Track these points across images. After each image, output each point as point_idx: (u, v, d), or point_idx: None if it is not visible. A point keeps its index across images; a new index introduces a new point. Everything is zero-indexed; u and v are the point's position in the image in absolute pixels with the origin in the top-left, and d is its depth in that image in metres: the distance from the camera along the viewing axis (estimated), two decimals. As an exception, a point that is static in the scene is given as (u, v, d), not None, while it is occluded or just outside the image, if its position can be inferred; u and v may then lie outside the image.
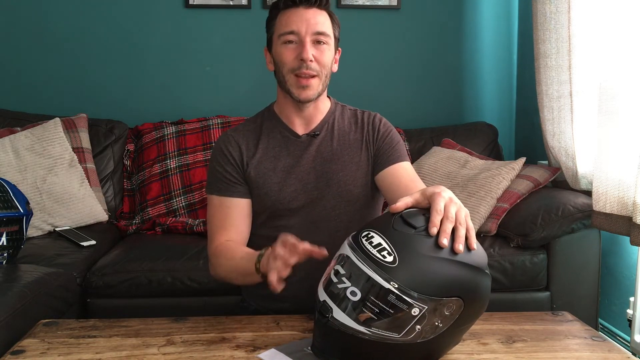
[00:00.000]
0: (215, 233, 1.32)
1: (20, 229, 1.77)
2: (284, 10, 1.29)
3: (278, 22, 1.30)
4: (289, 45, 1.28)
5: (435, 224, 0.93)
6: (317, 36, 1.27)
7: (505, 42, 2.91)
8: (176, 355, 1.04)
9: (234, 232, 1.32)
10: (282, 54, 1.28)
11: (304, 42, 1.26)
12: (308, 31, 1.26)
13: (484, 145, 2.68)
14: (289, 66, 1.28)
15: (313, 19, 1.27)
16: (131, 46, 2.77)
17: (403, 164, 1.35)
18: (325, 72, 1.30)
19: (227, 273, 1.27)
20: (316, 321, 0.99)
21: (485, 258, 0.98)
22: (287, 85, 1.30)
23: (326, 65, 1.30)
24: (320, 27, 1.28)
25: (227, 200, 1.33)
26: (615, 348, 1.10)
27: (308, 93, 1.29)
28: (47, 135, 2.35)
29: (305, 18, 1.27)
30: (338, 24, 1.34)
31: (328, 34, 1.29)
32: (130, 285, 1.94)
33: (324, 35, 1.28)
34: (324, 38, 1.28)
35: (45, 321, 1.19)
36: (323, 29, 1.28)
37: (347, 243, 0.97)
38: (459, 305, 0.92)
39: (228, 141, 1.37)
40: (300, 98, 1.30)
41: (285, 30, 1.27)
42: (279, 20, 1.30)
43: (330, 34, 1.30)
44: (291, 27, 1.27)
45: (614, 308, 2.22)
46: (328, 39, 1.29)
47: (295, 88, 1.29)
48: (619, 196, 1.83)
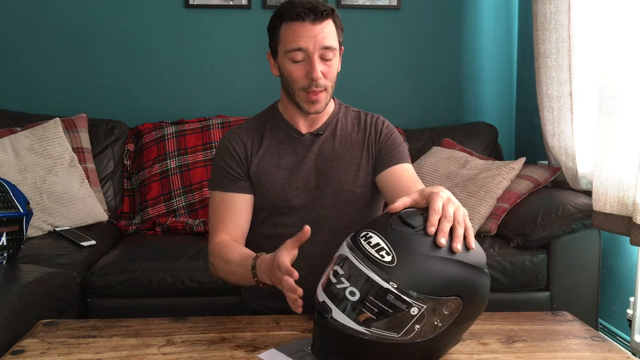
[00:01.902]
0: (215, 229, 1.33)
1: (20, 229, 1.77)
2: (289, 22, 1.25)
3: (283, 34, 1.27)
4: (297, 64, 1.26)
5: (433, 223, 0.93)
6: (325, 51, 1.25)
7: (505, 42, 2.91)
8: (176, 355, 1.04)
9: (233, 227, 1.32)
10: (292, 72, 1.27)
11: (313, 60, 1.25)
12: (316, 47, 1.24)
13: (484, 145, 2.68)
14: (299, 84, 1.28)
15: (320, 34, 1.24)
16: (131, 46, 2.77)
17: (404, 166, 1.36)
18: (332, 82, 1.31)
19: (226, 276, 1.28)
20: (315, 321, 0.99)
21: (484, 257, 0.98)
22: (296, 99, 1.30)
23: (334, 76, 1.30)
24: (327, 42, 1.25)
25: (228, 196, 1.34)
26: (615, 348, 1.10)
27: (317, 107, 1.30)
28: (47, 135, 2.35)
29: (313, 34, 1.24)
30: (342, 27, 1.32)
31: (334, 47, 1.27)
32: (130, 285, 1.94)
33: (330, 49, 1.26)
34: (331, 53, 1.27)
35: (45, 321, 1.19)
36: (330, 43, 1.26)
37: (346, 244, 0.97)
38: (458, 305, 0.92)
39: (232, 138, 1.37)
40: (310, 112, 1.31)
41: (293, 47, 1.25)
42: (284, 32, 1.26)
43: (336, 45, 1.28)
44: (299, 44, 1.24)
45: (614, 308, 2.22)
46: (334, 51, 1.28)
47: (305, 103, 1.30)
48: (619, 196, 1.83)
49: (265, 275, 1.11)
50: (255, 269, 1.14)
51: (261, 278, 1.13)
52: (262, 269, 1.12)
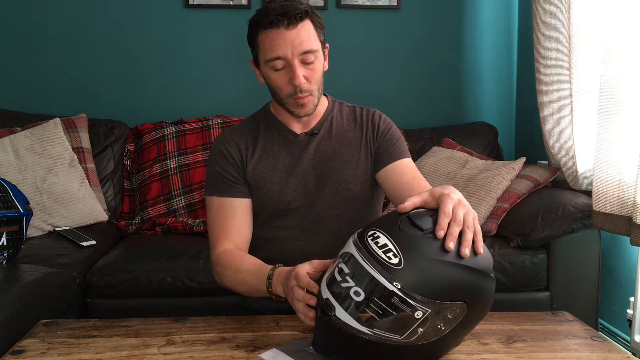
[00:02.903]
0: (218, 237, 1.31)
1: (20, 229, 1.77)
2: (264, 31, 1.22)
3: (261, 43, 1.24)
4: (279, 71, 1.24)
5: (442, 226, 0.92)
6: (305, 56, 1.22)
7: (505, 42, 2.91)
8: (176, 355, 1.04)
9: (236, 235, 1.31)
10: (275, 81, 1.26)
11: (293, 66, 1.22)
12: (294, 53, 1.21)
13: (484, 145, 2.68)
14: (284, 92, 1.26)
15: (297, 39, 1.20)
16: (131, 46, 2.76)
17: (405, 161, 1.34)
18: (318, 84, 1.28)
19: (235, 286, 1.26)
20: (318, 318, 0.98)
21: (491, 261, 0.97)
22: (285, 105, 1.29)
23: (318, 79, 1.28)
24: (305, 46, 1.21)
25: (227, 201, 1.32)
26: (615, 348, 1.10)
27: (306, 110, 1.29)
28: (47, 135, 2.35)
29: (290, 39, 1.20)
30: (321, 25, 1.28)
31: (315, 49, 1.23)
32: (130, 285, 1.94)
33: (311, 52, 1.22)
34: (312, 56, 1.23)
35: (45, 321, 1.19)
36: (309, 47, 1.22)
37: (352, 241, 0.96)
38: (462, 309, 0.91)
39: (226, 141, 1.35)
40: (300, 115, 1.30)
41: (271, 56, 1.22)
42: (262, 41, 1.23)
43: (317, 47, 1.24)
44: (277, 53, 1.21)
45: (614, 308, 2.22)
46: (316, 53, 1.24)
47: (294, 107, 1.28)
48: (619, 196, 1.83)
49: (280, 286, 1.11)
50: (271, 278, 1.13)
51: (275, 288, 1.12)
52: (279, 278, 1.12)
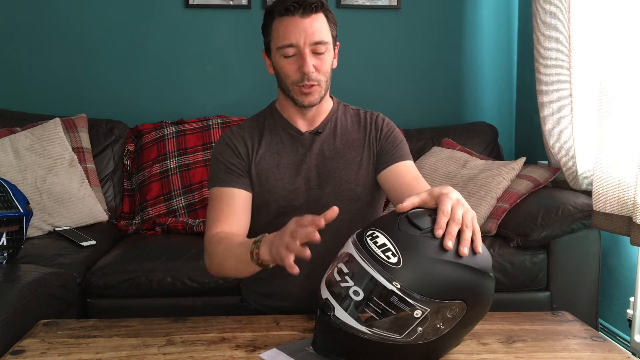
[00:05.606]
0: (214, 221, 1.27)
1: (20, 229, 1.77)
2: (280, 18, 1.26)
3: (275, 31, 1.27)
4: (289, 58, 1.27)
5: (441, 225, 0.92)
6: (316, 46, 1.26)
7: (505, 42, 2.91)
8: (176, 355, 1.04)
9: (234, 222, 1.28)
10: (284, 67, 1.28)
11: (304, 54, 1.25)
12: (307, 42, 1.24)
13: (484, 145, 2.68)
14: (291, 79, 1.28)
15: (310, 28, 1.24)
16: (131, 46, 2.77)
17: (406, 163, 1.36)
18: (326, 77, 1.30)
19: (222, 260, 1.20)
20: (318, 318, 0.99)
21: (490, 261, 0.97)
22: (290, 93, 1.31)
23: (327, 70, 1.30)
24: (318, 36, 1.25)
25: (228, 191, 1.31)
26: (615, 348, 1.10)
27: (311, 99, 1.30)
28: (47, 135, 2.35)
29: (303, 28, 1.24)
30: (335, 22, 1.32)
31: (326, 41, 1.27)
32: (130, 285, 1.94)
33: (322, 43, 1.26)
34: (323, 47, 1.26)
35: (45, 321, 1.19)
36: (321, 38, 1.25)
37: (352, 241, 0.96)
38: (461, 308, 0.91)
39: (233, 136, 1.37)
40: (304, 104, 1.31)
41: (284, 43, 1.25)
42: (276, 29, 1.27)
43: (329, 40, 1.28)
44: (289, 40, 1.24)
45: (614, 308, 2.22)
46: (327, 46, 1.28)
47: (299, 95, 1.30)
48: (619, 196, 1.83)
49: (267, 246, 1.02)
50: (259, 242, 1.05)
51: (262, 252, 1.03)
52: (267, 239, 1.04)
